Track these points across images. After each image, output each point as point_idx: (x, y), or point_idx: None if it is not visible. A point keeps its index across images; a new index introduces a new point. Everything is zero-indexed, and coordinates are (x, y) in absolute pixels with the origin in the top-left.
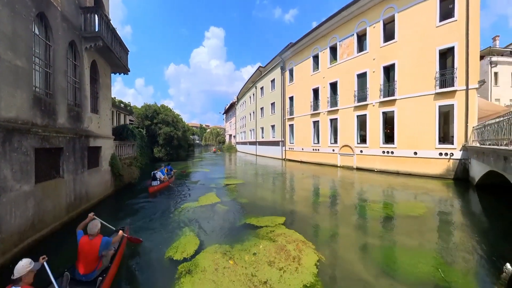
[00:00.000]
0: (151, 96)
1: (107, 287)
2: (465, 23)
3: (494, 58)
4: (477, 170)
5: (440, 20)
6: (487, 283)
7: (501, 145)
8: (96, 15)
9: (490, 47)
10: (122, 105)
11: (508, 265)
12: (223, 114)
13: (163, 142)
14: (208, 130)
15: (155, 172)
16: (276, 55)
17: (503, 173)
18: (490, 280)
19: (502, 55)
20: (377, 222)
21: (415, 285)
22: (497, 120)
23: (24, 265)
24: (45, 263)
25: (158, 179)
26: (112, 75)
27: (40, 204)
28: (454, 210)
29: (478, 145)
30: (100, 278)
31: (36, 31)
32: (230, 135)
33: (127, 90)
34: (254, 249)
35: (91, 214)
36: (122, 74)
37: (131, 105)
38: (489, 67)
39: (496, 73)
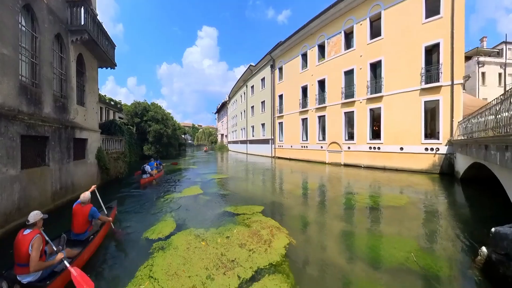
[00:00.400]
0: (143, 95)
1: (97, 245)
2: (450, 20)
3: (481, 58)
4: (462, 164)
5: (426, 17)
6: (463, 267)
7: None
8: (82, 9)
9: (477, 47)
10: (112, 102)
11: (483, 248)
12: (215, 113)
13: (153, 140)
14: (200, 130)
15: (144, 166)
16: (266, 54)
17: (484, 162)
18: (466, 265)
19: (489, 56)
20: (357, 212)
21: (387, 270)
22: (480, 111)
23: (37, 213)
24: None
25: (147, 172)
26: (104, 74)
27: (26, 189)
28: (436, 201)
29: (462, 138)
30: (92, 237)
31: (23, 22)
32: (222, 135)
33: (119, 89)
34: (227, 233)
35: (93, 186)
36: (110, 68)
37: (122, 103)
38: (477, 67)
39: (483, 73)
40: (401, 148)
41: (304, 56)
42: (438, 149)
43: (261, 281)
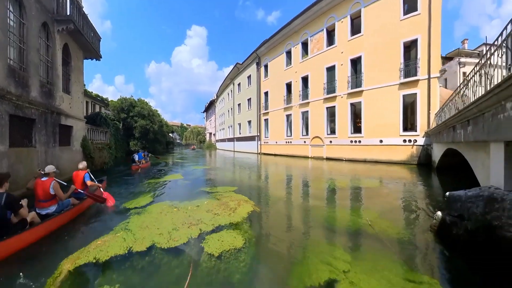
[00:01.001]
0: (131, 94)
1: (90, 202)
2: (428, 17)
3: (462, 59)
4: (437, 153)
5: (404, 14)
6: (418, 231)
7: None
8: (68, 0)
9: (459, 49)
10: (98, 98)
11: (438, 212)
12: (203, 112)
13: (139, 135)
14: (189, 129)
15: (134, 155)
16: (252, 52)
17: (454, 146)
18: (422, 229)
19: (470, 57)
20: (328, 192)
21: (343, 233)
22: (451, 97)
23: (51, 167)
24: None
25: (136, 161)
26: (91, 71)
27: (13, 167)
28: (407, 184)
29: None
30: (85, 197)
31: (11, 8)
32: (210, 133)
33: (107, 87)
34: (198, 204)
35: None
36: (95, 60)
37: (109, 100)
38: (458, 67)
39: (464, 73)
40: (381, 141)
41: (288, 53)
42: (416, 140)
43: (219, 233)
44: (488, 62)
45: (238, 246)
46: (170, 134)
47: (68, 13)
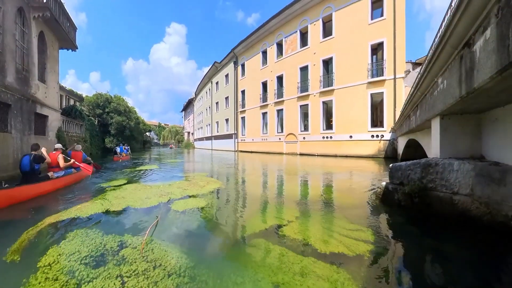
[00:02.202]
0: (107, 91)
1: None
2: (393, 22)
3: None
4: (401, 145)
5: (372, 19)
6: (365, 200)
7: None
8: None
9: (427, 55)
10: (74, 93)
11: (383, 183)
12: (181, 111)
13: (115, 132)
14: (167, 128)
15: (116, 147)
16: (230, 51)
17: (412, 136)
18: (369, 198)
19: None
20: (292, 176)
21: (298, 201)
22: (410, 92)
23: (59, 145)
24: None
25: (118, 153)
26: (64, 66)
27: None
28: (370, 172)
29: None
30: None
31: None
32: (189, 133)
33: (81, 84)
34: (170, 183)
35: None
36: (71, 50)
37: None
38: (420, 71)
39: (419, 73)
40: (351, 137)
41: (264, 53)
42: (383, 136)
43: (186, 199)
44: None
45: (201, 206)
46: (147, 133)
47: (44, 0)
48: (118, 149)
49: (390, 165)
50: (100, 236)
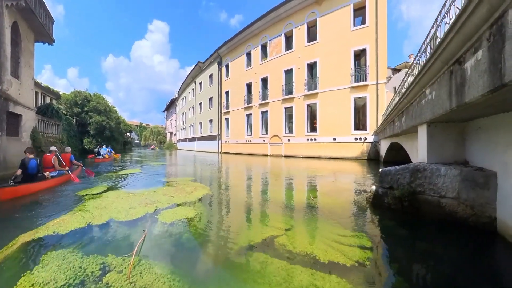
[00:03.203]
0: (86, 88)
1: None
2: (375, 29)
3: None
4: (384, 148)
5: (355, 26)
6: (355, 204)
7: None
8: None
9: (406, 62)
10: (50, 90)
11: (373, 186)
12: (164, 111)
13: (94, 132)
14: (148, 129)
15: (99, 149)
16: (214, 51)
17: (395, 139)
18: (359, 202)
19: (415, 69)
20: (279, 180)
21: (290, 208)
22: (393, 98)
23: (54, 147)
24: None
25: (101, 154)
26: (40, 60)
27: None
28: (355, 174)
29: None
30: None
31: None
32: (171, 133)
33: (58, 80)
34: (154, 190)
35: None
36: (47, 43)
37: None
38: (405, 78)
39: (403, 80)
40: (334, 139)
41: (249, 55)
42: (366, 138)
43: (173, 209)
44: (418, 64)
45: (190, 216)
46: (128, 133)
47: None
48: (101, 151)
49: (380, 169)
50: (79, 258)
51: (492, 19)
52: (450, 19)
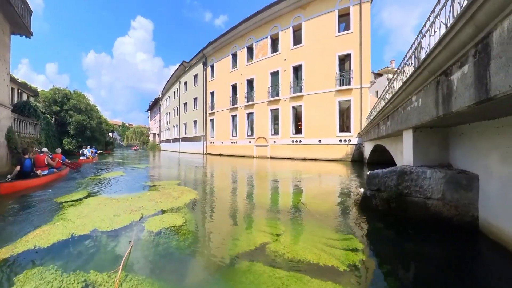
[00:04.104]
0: (66, 86)
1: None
2: (359, 35)
3: (390, 76)
4: (368, 150)
5: (339, 31)
6: (344, 206)
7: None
8: None
9: (387, 67)
10: (27, 86)
11: (361, 189)
12: (147, 111)
13: (74, 132)
14: (131, 129)
15: (83, 150)
16: (199, 51)
17: (379, 142)
18: (347, 204)
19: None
20: (267, 182)
21: (279, 211)
22: (377, 102)
23: (45, 149)
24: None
25: (85, 155)
26: (16, 54)
27: None
28: (340, 175)
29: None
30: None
31: None
32: (154, 134)
33: (36, 76)
34: (139, 195)
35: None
36: (25, 36)
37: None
38: (387, 82)
39: (387, 85)
40: (320, 141)
41: (234, 56)
42: (350, 140)
43: (160, 216)
44: (402, 72)
45: (178, 224)
46: (110, 133)
47: None
48: (86, 151)
49: (368, 172)
50: (59, 276)
51: (478, 38)
52: (435, 31)
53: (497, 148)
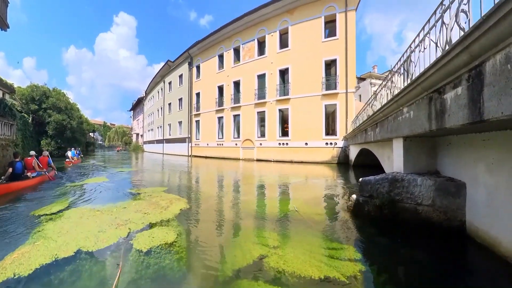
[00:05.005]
0: (45, 82)
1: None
2: (345, 42)
3: (373, 80)
4: (353, 153)
5: (325, 37)
6: (338, 212)
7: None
8: None
9: (370, 72)
10: (2, 81)
11: (353, 195)
12: (130, 110)
13: (53, 133)
14: (113, 129)
15: (67, 152)
16: (185, 51)
17: (366, 146)
18: (341, 210)
19: (379, 79)
20: (257, 188)
21: (273, 220)
22: (363, 107)
23: (33, 152)
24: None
25: (69, 157)
26: None
27: None
28: (328, 178)
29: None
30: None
31: None
32: (137, 134)
33: (12, 71)
34: (125, 206)
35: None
36: (0, 29)
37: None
38: (370, 87)
39: (375, 91)
40: (306, 144)
41: (221, 57)
42: (336, 143)
43: (150, 230)
44: (390, 80)
45: (170, 241)
46: (91, 133)
47: None
48: (69, 153)
49: (360, 179)
50: None
51: (471, 65)
52: (425, 48)
53: (483, 159)
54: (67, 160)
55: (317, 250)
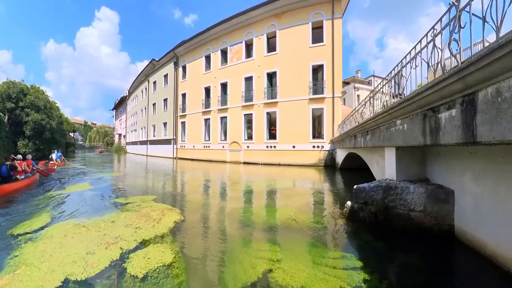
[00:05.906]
0: (21, 78)
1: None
2: (331, 48)
3: (357, 85)
4: (340, 156)
5: (312, 43)
6: (333, 219)
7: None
8: None
9: (354, 76)
10: None
11: (348, 202)
12: (112, 109)
13: (31, 134)
14: (94, 129)
15: (51, 154)
16: (170, 50)
17: (354, 150)
18: (336, 217)
19: (362, 83)
20: (249, 194)
21: (270, 229)
22: (351, 114)
23: (20, 156)
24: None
25: (53, 160)
26: None
27: None
28: (317, 182)
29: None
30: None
31: None
32: (120, 135)
33: None
34: (113, 219)
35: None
36: None
37: None
38: (354, 91)
39: (358, 95)
40: (294, 147)
41: (208, 58)
42: (323, 146)
43: (144, 249)
44: (381, 90)
45: (167, 262)
46: (71, 133)
47: None
48: (53, 156)
49: (355, 186)
50: None
51: (465, 92)
52: (416, 66)
53: (470, 169)
54: (51, 162)
55: (320, 260)
